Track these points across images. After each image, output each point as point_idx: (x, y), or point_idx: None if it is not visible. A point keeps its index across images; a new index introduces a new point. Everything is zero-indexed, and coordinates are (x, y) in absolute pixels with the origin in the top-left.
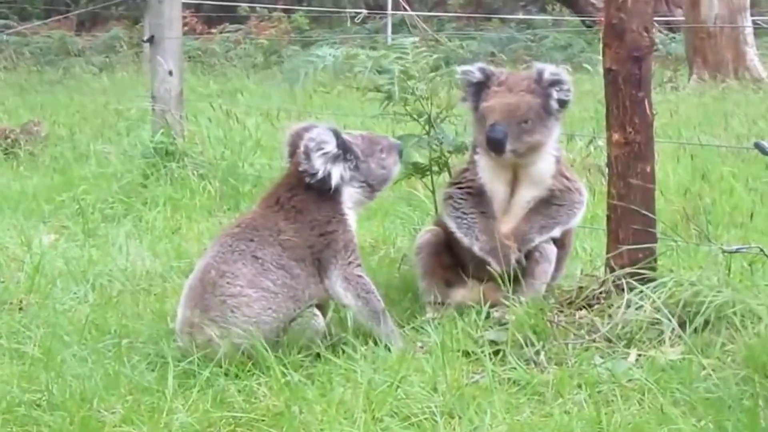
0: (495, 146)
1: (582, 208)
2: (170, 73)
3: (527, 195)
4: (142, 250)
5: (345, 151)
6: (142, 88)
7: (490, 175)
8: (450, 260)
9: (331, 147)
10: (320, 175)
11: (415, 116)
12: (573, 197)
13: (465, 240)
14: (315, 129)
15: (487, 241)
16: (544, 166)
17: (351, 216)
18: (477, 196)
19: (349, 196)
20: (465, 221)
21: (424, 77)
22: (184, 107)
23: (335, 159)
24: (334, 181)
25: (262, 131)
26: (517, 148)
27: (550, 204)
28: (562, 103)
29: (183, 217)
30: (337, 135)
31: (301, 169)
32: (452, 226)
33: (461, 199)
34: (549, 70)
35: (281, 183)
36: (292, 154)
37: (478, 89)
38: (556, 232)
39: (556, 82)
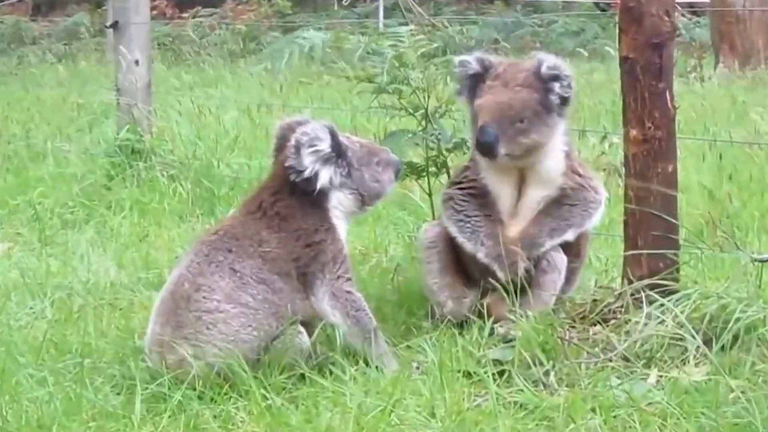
0: (485, 150)
1: (599, 209)
2: (137, 62)
3: (536, 195)
4: (105, 259)
5: (339, 154)
6: (106, 79)
7: (493, 175)
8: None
9: (325, 146)
10: (307, 173)
11: (410, 110)
12: (587, 196)
13: (468, 245)
14: (310, 124)
15: (493, 247)
16: (552, 164)
17: (340, 226)
18: (480, 197)
19: (339, 202)
20: (468, 225)
21: (421, 66)
22: (152, 100)
23: (327, 160)
24: (321, 182)
25: (240, 127)
26: (512, 151)
27: (561, 204)
28: (564, 100)
29: (151, 223)
30: (333, 135)
31: (287, 164)
32: (454, 230)
33: (463, 200)
34: (547, 62)
35: (264, 186)
36: (280, 150)
37: (475, 82)
38: (569, 235)
39: (555, 77)
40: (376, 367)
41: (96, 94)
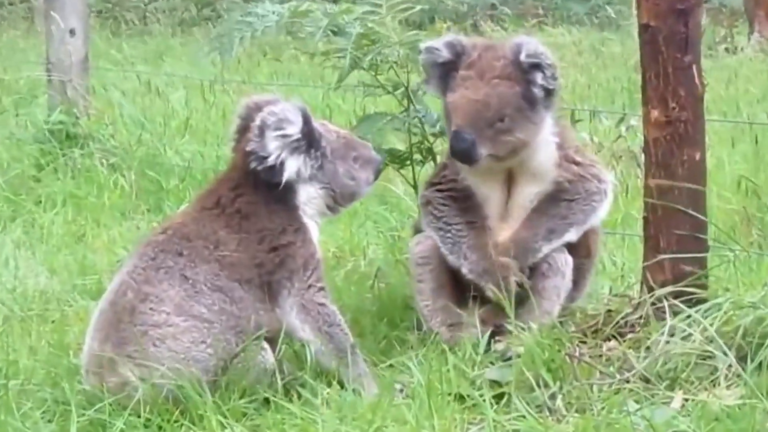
0: (462, 158)
1: (604, 199)
2: (71, 32)
3: (528, 193)
4: (34, 263)
5: (311, 142)
6: (35, 52)
7: (474, 175)
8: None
9: (294, 131)
10: (271, 161)
11: (389, 88)
12: (588, 186)
13: (451, 258)
14: (280, 104)
15: (478, 261)
16: (542, 157)
17: (312, 226)
18: (462, 200)
19: (308, 198)
20: (449, 235)
21: (401, 37)
22: (89, 77)
23: (296, 148)
24: (287, 174)
25: (192, 108)
26: (496, 152)
27: (558, 200)
28: (548, 92)
29: (88, 221)
30: (306, 119)
31: (248, 149)
32: (436, 239)
33: (442, 205)
34: (526, 49)
35: (223, 179)
36: (242, 134)
37: (446, 70)
38: (571, 236)
39: (537, 66)
40: (353, 389)
41: (23, 70)
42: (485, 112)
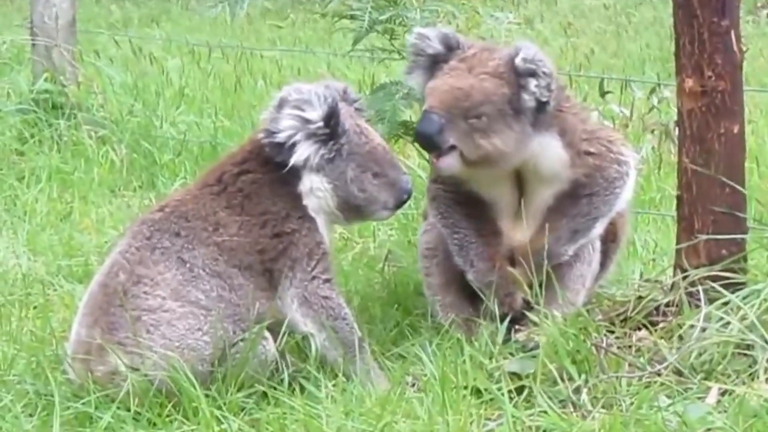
0: (425, 142)
1: (627, 181)
2: None
3: (542, 194)
4: (16, 244)
5: (331, 135)
6: (18, 14)
7: (477, 176)
8: None
9: (313, 117)
10: (280, 138)
11: (404, 54)
12: (608, 174)
13: (458, 260)
14: (311, 85)
15: (485, 272)
16: (549, 163)
17: (320, 214)
18: (469, 202)
19: (312, 188)
20: (456, 237)
21: (425, 1)
22: (76, 42)
23: (311, 135)
24: (296, 157)
25: (188, 76)
26: (463, 150)
27: (577, 197)
28: (540, 105)
29: (75, 198)
30: (333, 110)
31: (261, 117)
32: (444, 234)
33: (449, 204)
34: (524, 53)
35: (231, 154)
36: None
37: (434, 62)
38: (597, 230)
39: (532, 73)
40: (360, 382)
41: (5, 33)
42: (463, 101)
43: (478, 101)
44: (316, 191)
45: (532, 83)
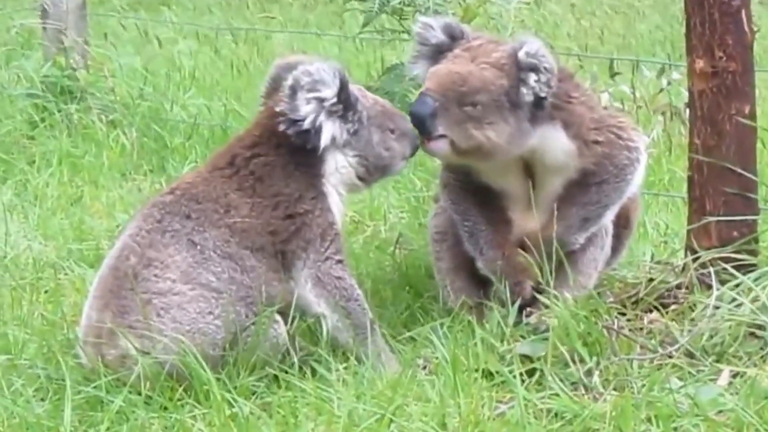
0: (416, 124)
1: (638, 167)
2: None
3: (552, 183)
4: (27, 228)
5: (347, 106)
6: None
7: (485, 166)
8: None
9: (330, 94)
10: (306, 124)
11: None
12: (617, 161)
13: (467, 246)
14: (315, 64)
15: (494, 259)
16: (553, 153)
17: (334, 194)
18: (481, 191)
19: (337, 167)
20: (467, 224)
21: None
22: (87, 25)
23: (331, 112)
24: (325, 140)
25: (198, 60)
26: (455, 138)
27: (587, 185)
28: (538, 101)
29: (86, 182)
30: (342, 81)
31: (278, 109)
32: (455, 221)
33: (460, 192)
34: (527, 48)
35: (241, 137)
36: (271, 95)
37: (438, 51)
38: (608, 217)
39: (533, 68)
40: (372, 364)
41: (14, 18)
42: (459, 86)
43: (474, 88)
44: (341, 168)
45: (532, 78)
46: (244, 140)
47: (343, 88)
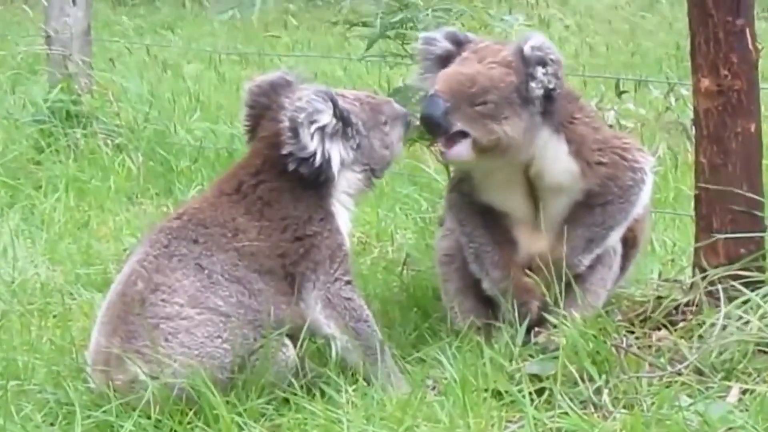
0: (428, 125)
1: (644, 188)
2: (72, 1)
3: (556, 204)
4: (34, 253)
5: (345, 123)
6: (33, 24)
7: (488, 185)
8: None
9: (328, 118)
10: (319, 159)
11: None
12: (622, 182)
13: (474, 268)
14: (303, 93)
15: (500, 279)
16: (555, 168)
17: (342, 213)
18: (486, 212)
19: (348, 185)
20: (472, 246)
21: (434, 3)
22: (92, 51)
23: (334, 135)
24: (336, 165)
25: (204, 83)
26: (475, 133)
27: (591, 207)
28: (548, 94)
29: (92, 207)
30: (333, 101)
31: (284, 152)
32: (461, 242)
33: (466, 213)
34: (532, 42)
35: (244, 164)
36: (254, 121)
37: (444, 62)
38: (614, 238)
39: (540, 61)
40: (381, 386)
41: (21, 44)
42: (469, 86)
43: (484, 88)
44: (351, 185)
45: (540, 71)
46: (247, 168)
47: (335, 106)
